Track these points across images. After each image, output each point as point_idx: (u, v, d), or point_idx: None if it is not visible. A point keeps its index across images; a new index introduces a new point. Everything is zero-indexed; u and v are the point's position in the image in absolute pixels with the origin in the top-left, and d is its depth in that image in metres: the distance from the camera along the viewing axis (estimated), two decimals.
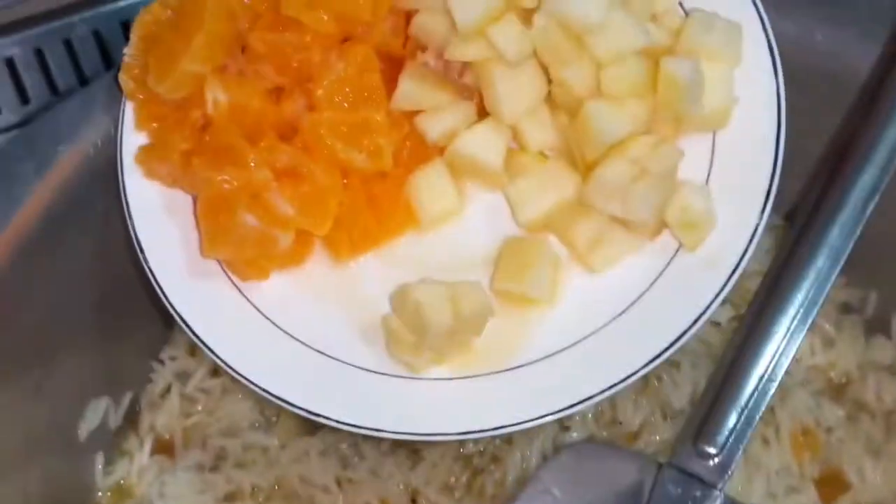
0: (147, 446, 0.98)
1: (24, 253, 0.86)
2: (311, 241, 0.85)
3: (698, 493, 0.82)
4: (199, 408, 1.02)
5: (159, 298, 0.84)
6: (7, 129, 1.13)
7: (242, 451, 0.97)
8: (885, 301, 1.07)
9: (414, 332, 0.79)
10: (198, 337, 0.81)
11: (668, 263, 0.81)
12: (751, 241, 0.79)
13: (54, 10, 1.14)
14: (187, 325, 0.82)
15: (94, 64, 1.14)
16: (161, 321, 1.03)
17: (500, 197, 0.86)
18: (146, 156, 0.84)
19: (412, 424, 0.79)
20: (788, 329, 0.85)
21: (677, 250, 0.81)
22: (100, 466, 0.97)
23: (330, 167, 0.81)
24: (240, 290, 0.83)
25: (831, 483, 0.97)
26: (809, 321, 0.85)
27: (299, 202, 0.79)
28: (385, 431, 0.79)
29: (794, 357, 1.01)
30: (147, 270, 0.83)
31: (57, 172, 0.87)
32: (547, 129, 0.84)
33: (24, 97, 1.12)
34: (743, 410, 0.84)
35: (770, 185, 0.80)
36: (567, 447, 0.89)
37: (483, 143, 0.83)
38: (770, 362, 0.85)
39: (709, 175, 0.82)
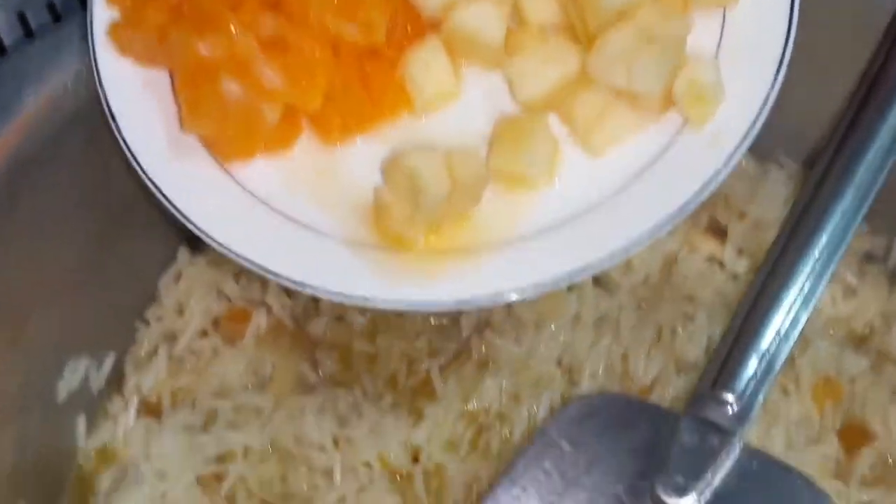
0: (132, 408, 0.94)
1: None
2: (299, 121, 0.80)
3: (716, 442, 0.77)
4: (188, 368, 0.97)
5: (144, 252, 0.80)
6: None
7: (234, 412, 0.93)
8: None
9: (408, 202, 0.75)
10: (179, 211, 0.78)
11: (672, 141, 0.78)
12: (760, 111, 0.75)
13: None
14: (169, 202, 0.78)
15: None
16: (143, 278, 0.98)
17: (500, 78, 0.82)
18: (120, 31, 0.79)
19: (404, 294, 0.76)
20: (813, 269, 0.81)
21: (682, 127, 0.78)
22: (82, 429, 0.93)
23: (319, 40, 0.76)
24: (224, 169, 0.80)
25: (854, 434, 0.92)
26: (837, 259, 0.81)
27: (287, 73, 0.75)
28: (376, 300, 0.76)
29: (815, 306, 0.99)
30: (123, 146, 0.78)
31: (24, 117, 0.82)
32: (549, 2, 0.79)
33: None
34: (764, 356, 0.79)
35: (783, 55, 0.76)
36: (576, 398, 0.84)
37: (483, 17, 0.79)
38: (793, 305, 0.80)
39: (718, 49, 0.79)
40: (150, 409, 0.95)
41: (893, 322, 1.00)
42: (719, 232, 1.05)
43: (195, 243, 1.02)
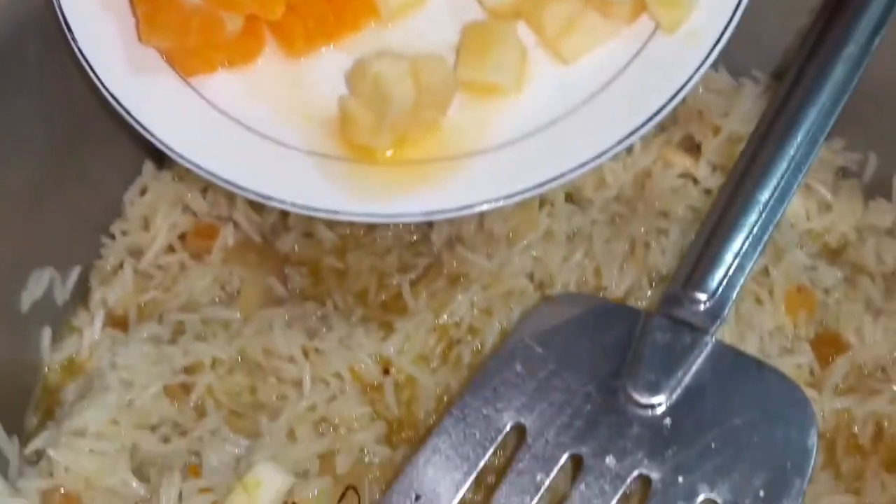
0: (98, 321, 0.92)
1: None
2: (262, 32, 0.79)
3: (688, 340, 0.76)
4: (155, 283, 0.96)
5: (109, 165, 0.78)
6: None
7: (202, 325, 0.91)
8: (886, 162, 1.02)
9: (373, 111, 0.74)
10: (143, 126, 0.77)
11: (643, 46, 0.77)
12: (734, 15, 0.75)
13: None
14: (132, 117, 0.77)
15: None
16: (108, 191, 0.96)
17: None
18: None
19: (373, 206, 0.76)
20: (788, 167, 0.79)
21: (653, 33, 0.77)
22: (47, 342, 0.91)
23: None
24: (187, 83, 0.79)
25: (828, 344, 0.92)
26: (812, 158, 0.79)
27: None
28: (342, 213, 0.75)
29: (788, 220, 0.99)
30: (82, 59, 0.77)
31: None
32: None
33: None
34: (736, 256, 0.78)
35: None
36: (546, 299, 0.83)
37: None
38: (766, 205, 0.79)
39: None
40: (116, 323, 0.93)
41: (868, 235, 0.99)
42: (693, 148, 1.04)
43: (160, 157, 1.00)
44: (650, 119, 0.74)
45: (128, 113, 0.77)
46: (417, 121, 0.76)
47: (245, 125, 0.79)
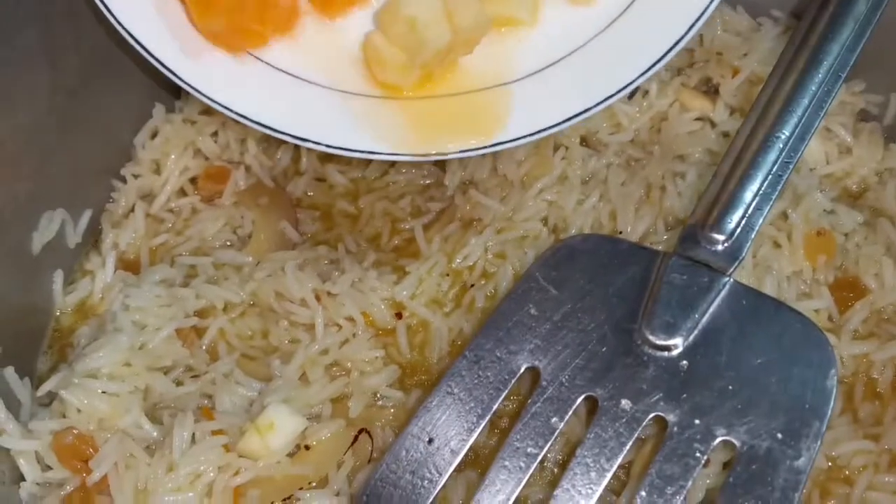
0: (110, 264, 0.92)
1: None
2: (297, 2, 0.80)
3: (706, 281, 0.75)
4: (167, 227, 0.95)
5: (119, 106, 0.81)
6: None
7: (214, 269, 0.90)
8: None
9: (405, 51, 0.74)
10: (178, 77, 0.78)
11: None
12: None
13: None
14: (169, 70, 0.78)
15: None
16: (118, 134, 0.95)
17: None
18: None
19: (410, 146, 0.76)
20: (810, 103, 0.78)
21: None
22: (59, 285, 0.90)
23: None
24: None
25: (848, 289, 0.90)
26: (835, 95, 0.78)
27: None
28: (381, 154, 0.76)
29: (807, 164, 0.97)
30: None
31: None
32: None
33: None
34: (755, 196, 0.77)
35: None
36: (560, 241, 0.82)
37: None
38: (787, 143, 0.78)
39: None
40: (128, 266, 0.93)
41: (888, 178, 0.97)
42: (710, 91, 1.02)
43: (171, 100, 0.99)
44: (670, 50, 0.74)
45: (162, 65, 0.77)
46: (444, 61, 0.76)
47: (275, 66, 0.79)
